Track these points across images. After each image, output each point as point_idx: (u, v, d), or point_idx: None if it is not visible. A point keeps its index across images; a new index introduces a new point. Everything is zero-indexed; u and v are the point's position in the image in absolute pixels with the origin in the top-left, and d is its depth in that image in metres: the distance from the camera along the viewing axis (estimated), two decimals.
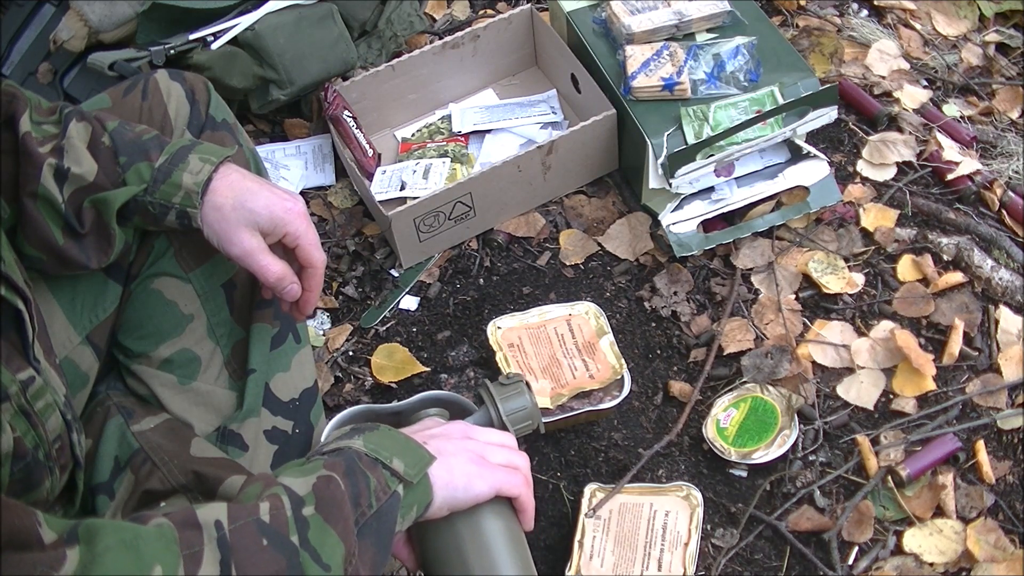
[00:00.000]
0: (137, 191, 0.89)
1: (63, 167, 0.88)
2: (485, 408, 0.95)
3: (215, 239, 0.90)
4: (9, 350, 0.77)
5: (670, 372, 1.37)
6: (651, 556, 1.16)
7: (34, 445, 0.78)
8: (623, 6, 1.52)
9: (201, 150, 0.91)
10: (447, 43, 1.61)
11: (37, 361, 0.80)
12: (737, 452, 1.25)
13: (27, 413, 0.77)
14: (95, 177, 0.89)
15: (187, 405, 0.99)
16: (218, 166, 0.90)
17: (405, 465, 0.77)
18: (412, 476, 0.77)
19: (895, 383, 1.32)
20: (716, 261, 1.46)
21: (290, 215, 0.91)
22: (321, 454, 0.78)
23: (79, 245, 0.90)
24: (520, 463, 0.86)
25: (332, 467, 0.75)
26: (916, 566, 1.17)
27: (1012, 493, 1.23)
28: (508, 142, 1.60)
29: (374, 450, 0.77)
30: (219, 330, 1.00)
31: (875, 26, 1.71)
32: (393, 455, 0.77)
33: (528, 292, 1.46)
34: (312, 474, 0.74)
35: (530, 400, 0.95)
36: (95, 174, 0.89)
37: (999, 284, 1.38)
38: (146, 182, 0.89)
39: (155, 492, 0.93)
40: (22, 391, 0.77)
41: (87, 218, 0.89)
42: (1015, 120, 1.59)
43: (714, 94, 1.44)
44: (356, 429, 0.81)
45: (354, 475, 0.75)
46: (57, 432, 0.81)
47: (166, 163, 0.89)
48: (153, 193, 0.89)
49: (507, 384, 0.96)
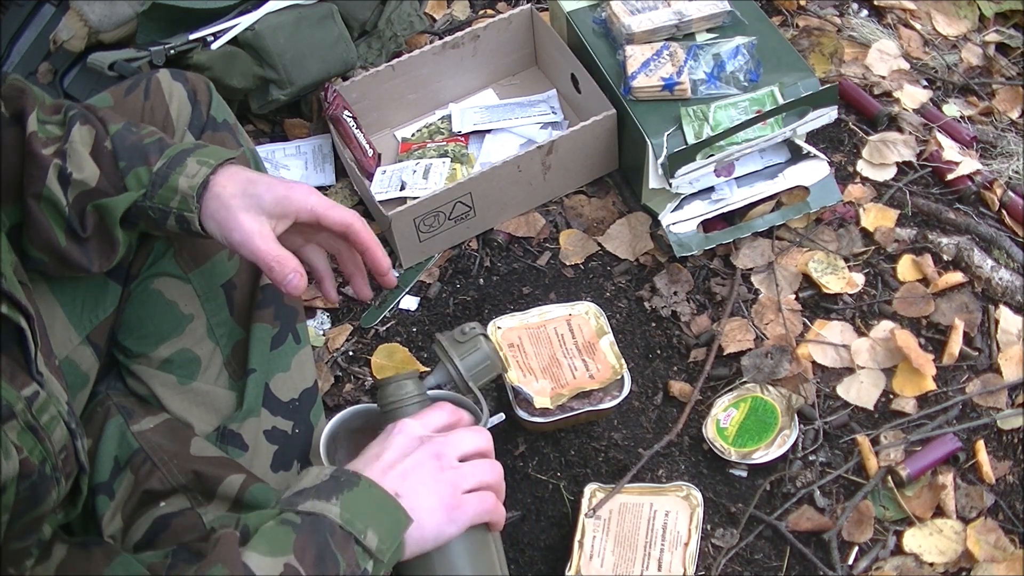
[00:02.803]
0: (136, 196, 0.88)
1: (66, 171, 0.87)
2: (443, 366, 0.94)
3: (217, 231, 0.88)
4: (12, 366, 0.76)
5: (670, 372, 1.37)
6: (651, 556, 1.16)
7: (41, 460, 0.77)
8: (623, 6, 1.52)
9: (201, 153, 0.89)
10: (447, 43, 1.61)
11: (40, 374, 0.79)
12: (737, 452, 1.25)
13: (34, 428, 0.76)
14: (97, 182, 0.88)
15: (187, 405, 0.99)
16: (216, 168, 0.88)
17: (379, 540, 0.77)
18: (384, 552, 0.77)
19: (895, 383, 1.32)
20: (716, 261, 1.46)
21: (295, 192, 0.88)
22: (296, 512, 0.77)
23: (81, 248, 0.90)
24: (492, 478, 0.85)
25: (303, 550, 0.74)
26: (916, 566, 1.17)
27: (1012, 493, 1.23)
28: (508, 142, 1.60)
29: (349, 521, 0.76)
30: (219, 330, 1.00)
31: (875, 26, 1.71)
32: (368, 525, 0.77)
33: (528, 292, 1.46)
34: (281, 556, 0.73)
35: (489, 349, 0.93)
36: (97, 179, 0.88)
37: (999, 284, 1.38)
38: (145, 187, 0.88)
39: (155, 492, 0.93)
40: (27, 407, 0.76)
41: (90, 222, 0.89)
42: (1015, 120, 1.59)
43: (714, 94, 1.44)
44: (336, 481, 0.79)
45: (324, 562, 0.74)
46: (62, 442, 0.80)
47: (164, 167, 0.88)
48: (152, 198, 0.88)
49: (464, 341, 0.94)
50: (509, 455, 1.30)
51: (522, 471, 1.29)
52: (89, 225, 0.89)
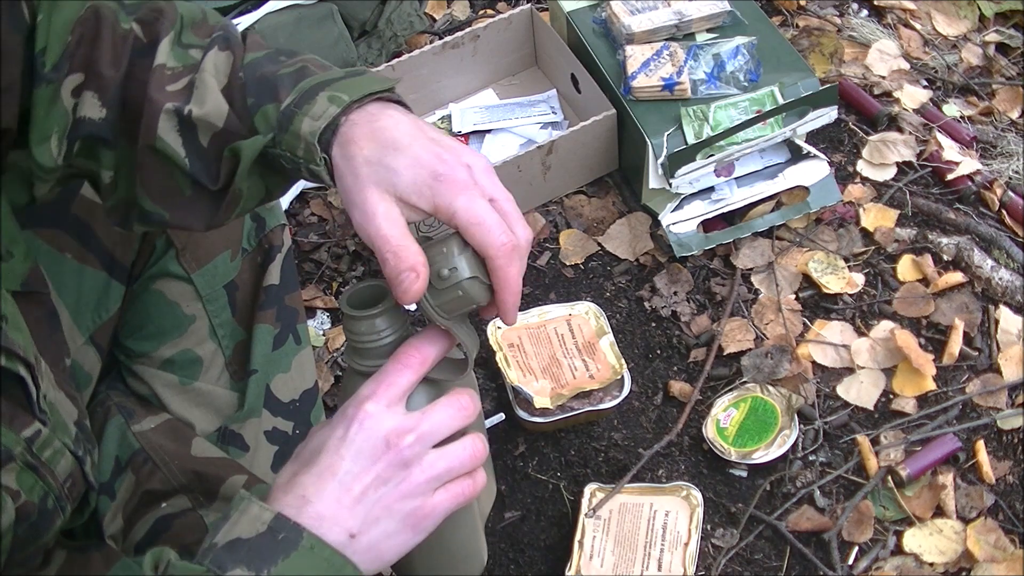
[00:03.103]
0: (265, 141, 0.71)
1: (183, 110, 0.72)
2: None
3: (342, 199, 0.70)
4: (13, 409, 0.71)
5: (670, 372, 1.37)
6: (651, 556, 1.16)
7: (42, 495, 0.74)
8: (623, 6, 1.52)
9: (339, 86, 0.70)
10: (447, 43, 1.61)
11: (44, 412, 0.75)
12: (737, 452, 1.25)
13: (34, 467, 0.73)
14: (226, 121, 0.72)
15: (188, 405, 0.99)
16: (349, 108, 0.69)
17: None
18: None
19: (895, 383, 1.32)
20: (716, 261, 1.46)
21: (444, 183, 0.66)
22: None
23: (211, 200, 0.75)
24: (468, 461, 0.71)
25: None
26: (916, 566, 1.18)
27: (1012, 493, 1.23)
28: (508, 142, 1.60)
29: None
30: (221, 331, 1.00)
31: (875, 26, 1.71)
32: None
33: (528, 292, 1.46)
34: None
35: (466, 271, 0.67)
36: (225, 117, 0.72)
37: (999, 284, 1.38)
38: (273, 129, 0.71)
39: (156, 492, 0.93)
40: (27, 448, 0.72)
41: (224, 170, 0.73)
42: (1015, 120, 1.59)
43: (714, 94, 1.44)
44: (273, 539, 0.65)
45: None
46: (67, 472, 0.77)
47: (291, 104, 0.70)
48: (280, 144, 0.70)
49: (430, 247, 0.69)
50: (509, 455, 1.30)
51: (522, 471, 1.29)
52: (223, 173, 0.73)
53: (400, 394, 0.70)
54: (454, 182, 0.66)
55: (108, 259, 0.95)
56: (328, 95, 0.69)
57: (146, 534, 0.91)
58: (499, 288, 0.69)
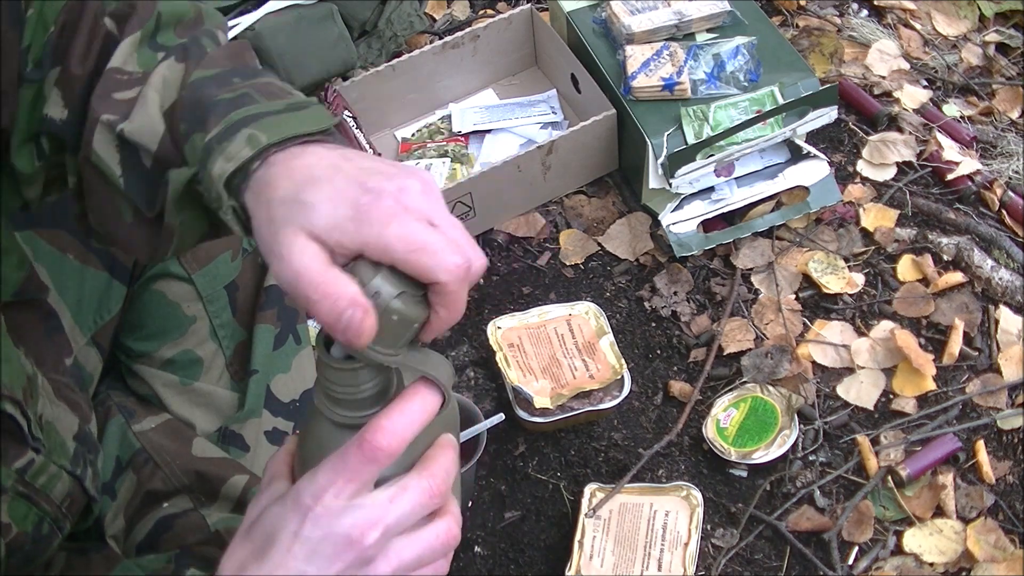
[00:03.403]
0: (190, 174, 0.61)
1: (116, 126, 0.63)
2: None
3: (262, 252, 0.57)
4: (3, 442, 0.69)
5: (670, 372, 1.37)
6: (651, 556, 1.16)
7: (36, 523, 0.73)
8: (623, 6, 1.52)
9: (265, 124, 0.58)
10: (447, 43, 1.61)
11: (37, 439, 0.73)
12: (737, 452, 1.26)
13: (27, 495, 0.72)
14: (159, 145, 0.63)
15: (189, 405, 0.99)
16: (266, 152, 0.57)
17: None
18: None
19: (895, 383, 1.32)
20: (716, 261, 1.46)
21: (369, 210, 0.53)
22: None
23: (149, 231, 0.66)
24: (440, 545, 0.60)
25: None
26: (916, 566, 1.18)
27: (1012, 493, 1.23)
28: (508, 142, 1.60)
29: None
30: (221, 331, 1.00)
31: (875, 26, 1.71)
32: None
33: (528, 292, 1.46)
34: None
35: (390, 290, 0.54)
36: (159, 141, 0.63)
37: (999, 284, 1.38)
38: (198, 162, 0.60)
39: (158, 492, 0.93)
40: (20, 478, 0.71)
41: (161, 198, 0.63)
42: (1015, 120, 1.59)
43: (714, 94, 1.44)
44: None
45: None
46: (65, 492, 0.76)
47: (215, 138, 0.59)
48: (202, 181, 0.60)
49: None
50: (509, 455, 1.30)
51: (522, 471, 1.29)
52: (159, 201, 0.63)
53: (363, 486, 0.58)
54: (381, 210, 0.53)
55: (109, 259, 0.95)
56: (249, 133, 0.58)
57: (147, 534, 0.91)
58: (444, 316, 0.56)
